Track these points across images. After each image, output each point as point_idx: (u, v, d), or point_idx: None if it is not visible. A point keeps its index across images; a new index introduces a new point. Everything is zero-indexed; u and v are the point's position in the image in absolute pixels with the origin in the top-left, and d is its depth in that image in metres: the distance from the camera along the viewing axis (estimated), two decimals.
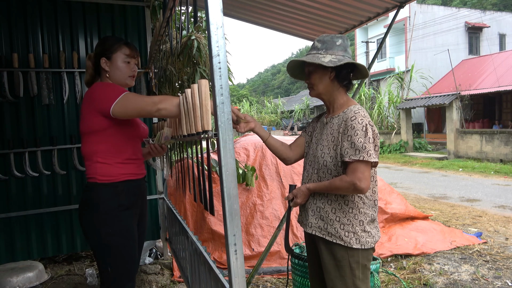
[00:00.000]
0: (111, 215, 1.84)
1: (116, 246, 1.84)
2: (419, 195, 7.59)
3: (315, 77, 1.75)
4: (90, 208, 1.84)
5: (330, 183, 1.67)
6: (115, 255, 1.84)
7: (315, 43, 1.78)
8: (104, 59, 1.90)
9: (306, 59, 1.71)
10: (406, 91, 18.47)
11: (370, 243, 1.68)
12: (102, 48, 1.92)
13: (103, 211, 1.82)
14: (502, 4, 32.57)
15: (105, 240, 1.82)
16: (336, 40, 1.74)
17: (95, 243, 1.86)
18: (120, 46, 1.91)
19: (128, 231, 1.89)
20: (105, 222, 1.82)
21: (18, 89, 3.17)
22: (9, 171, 3.19)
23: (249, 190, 4.15)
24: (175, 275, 3.53)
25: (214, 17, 1.19)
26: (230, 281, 1.26)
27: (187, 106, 1.85)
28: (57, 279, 3.54)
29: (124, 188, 1.89)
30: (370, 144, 1.60)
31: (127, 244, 1.88)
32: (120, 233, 1.85)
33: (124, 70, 1.93)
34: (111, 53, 1.90)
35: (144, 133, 2.09)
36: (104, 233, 1.82)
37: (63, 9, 3.37)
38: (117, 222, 1.85)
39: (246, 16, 3.44)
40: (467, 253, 4.09)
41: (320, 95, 1.79)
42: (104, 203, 1.83)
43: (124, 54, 1.92)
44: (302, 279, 2.59)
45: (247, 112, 35.25)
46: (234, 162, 1.24)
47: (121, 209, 1.87)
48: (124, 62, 1.92)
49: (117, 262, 1.85)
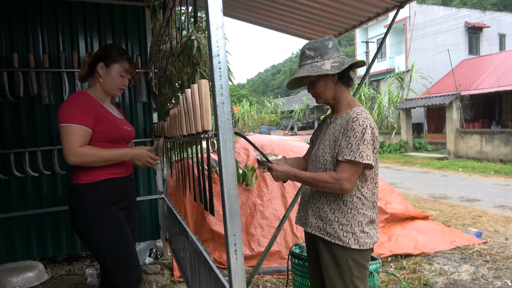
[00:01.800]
0: (98, 212, 1.88)
1: (109, 240, 1.88)
2: (419, 195, 7.60)
3: (319, 85, 1.73)
4: (78, 210, 1.89)
5: (318, 175, 1.66)
6: (112, 248, 1.89)
7: (306, 52, 1.73)
8: (102, 64, 1.97)
9: (310, 73, 1.66)
10: (406, 91, 18.47)
11: (369, 244, 1.69)
12: (105, 54, 1.99)
13: (89, 210, 1.87)
14: (502, 4, 32.58)
15: (98, 237, 1.87)
16: (327, 43, 1.71)
17: (90, 242, 1.90)
18: (123, 59, 2.00)
19: (118, 223, 1.93)
20: (93, 220, 1.87)
21: (18, 89, 3.17)
22: (9, 171, 3.19)
23: (249, 190, 4.15)
24: (175, 275, 3.53)
25: (214, 17, 1.19)
26: (230, 281, 1.26)
27: (187, 106, 1.86)
28: (57, 279, 3.54)
29: (108, 186, 1.93)
30: (365, 146, 1.60)
31: (119, 236, 1.92)
32: (111, 227, 1.90)
33: (117, 82, 2.02)
34: (111, 62, 1.98)
35: (128, 134, 2.11)
36: (95, 230, 1.87)
37: (63, 9, 3.37)
38: (105, 217, 1.89)
39: (246, 16, 3.44)
40: (467, 253, 4.09)
41: (328, 101, 1.78)
42: (89, 202, 1.87)
43: (123, 68, 2.01)
44: (302, 279, 2.59)
45: (247, 112, 35.26)
46: (234, 162, 1.24)
47: (106, 205, 1.91)
48: (120, 75, 2.01)
49: (116, 255, 1.90)
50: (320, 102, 1.79)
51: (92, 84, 2.05)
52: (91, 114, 1.88)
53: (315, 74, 1.65)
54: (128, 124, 2.15)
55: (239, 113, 35.83)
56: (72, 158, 1.78)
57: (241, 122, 35.51)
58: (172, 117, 2.45)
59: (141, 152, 1.99)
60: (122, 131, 2.05)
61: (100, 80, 1.99)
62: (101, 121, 1.92)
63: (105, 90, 2.02)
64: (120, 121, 2.08)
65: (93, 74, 2.03)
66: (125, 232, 1.96)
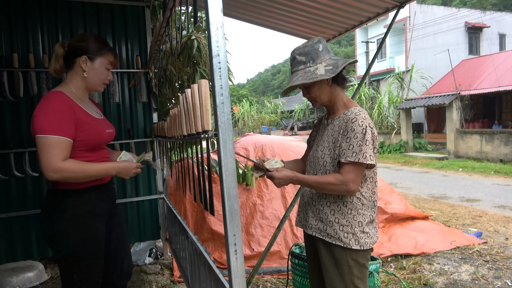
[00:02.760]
0: (79, 223, 1.76)
1: (83, 255, 1.76)
2: (419, 195, 7.60)
3: (314, 90, 1.72)
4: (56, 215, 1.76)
5: (322, 178, 1.66)
6: (84, 264, 1.78)
7: (297, 58, 1.71)
8: (85, 57, 1.79)
9: (305, 80, 1.65)
10: (406, 91, 18.48)
11: (369, 244, 1.69)
12: (85, 46, 1.80)
13: (70, 218, 1.74)
14: (502, 4, 32.58)
15: (72, 248, 1.74)
16: (317, 46, 1.69)
17: (61, 251, 1.77)
18: (107, 51, 1.85)
19: (96, 239, 1.81)
20: (73, 230, 1.74)
21: (18, 89, 3.16)
22: (9, 171, 3.19)
23: (249, 190, 4.15)
24: (175, 275, 3.53)
25: (214, 17, 1.19)
26: (230, 281, 1.26)
27: (187, 106, 1.86)
28: (57, 279, 3.54)
29: (91, 195, 1.81)
30: (367, 147, 1.60)
31: (94, 253, 1.81)
32: (88, 242, 1.77)
33: (102, 76, 1.87)
34: (95, 55, 1.82)
35: (110, 138, 1.96)
36: (71, 241, 1.74)
37: (63, 9, 3.36)
38: (85, 231, 1.77)
39: (246, 16, 3.44)
40: (467, 253, 4.09)
41: (324, 103, 1.78)
42: (71, 210, 1.75)
43: (108, 60, 1.87)
44: (302, 279, 2.59)
45: (247, 112, 35.26)
46: (234, 162, 1.24)
47: (88, 216, 1.79)
48: (105, 69, 1.86)
49: (84, 271, 1.78)
50: (317, 105, 1.79)
51: (69, 80, 1.83)
52: (72, 121, 1.69)
53: (311, 81, 1.64)
54: (109, 125, 1.99)
55: (239, 113, 35.83)
56: (52, 174, 1.59)
57: (241, 122, 35.51)
58: (172, 117, 2.45)
59: (126, 165, 1.85)
60: (104, 136, 1.89)
61: (84, 75, 1.80)
62: (82, 128, 1.74)
63: (89, 86, 1.85)
64: (101, 123, 1.92)
65: (70, 68, 1.82)
66: (100, 247, 1.84)
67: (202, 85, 1.61)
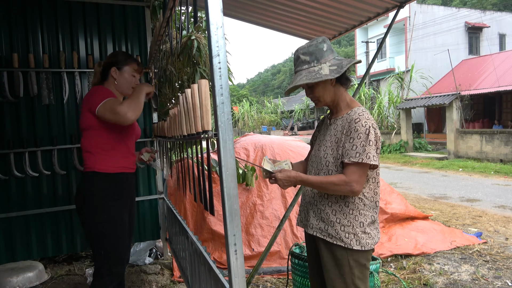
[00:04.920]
0: (106, 204, 2.06)
1: (109, 233, 2.05)
2: (419, 195, 7.60)
3: (318, 89, 1.71)
4: (87, 197, 2.06)
5: (326, 178, 1.65)
6: (108, 241, 2.06)
7: (301, 57, 1.69)
8: (114, 68, 2.19)
9: (310, 80, 1.63)
10: (406, 91, 18.48)
11: (370, 244, 1.68)
12: (114, 60, 2.22)
13: (98, 199, 2.05)
14: (502, 4, 32.58)
15: (99, 226, 2.04)
16: (321, 46, 1.68)
17: (90, 229, 2.07)
18: (131, 61, 2.24)
19: (120, 219, 2.11)
20: (101, 210, 2.04)
21: (18, 89, 3.17)
22: (9, 171, 3.19)
23: (249, 190, 4.15)
24: (175, 275, 3.53)
25: (214, 17, 1.19)
26: (230, 281, 1.26)
27: (187, 106, 1.86)
28: (57, 279, 3.54)
29: (117, 179, 2.12)
30: (370, 147, 1.60)
31: (119, 231, 2.09)
32: (113, 221, 2.07)
33: (130, 81, 2.24)
34: (122, 65, 2.21)
35: (138, 132, 2.39)
36: (98, 220, 2.04)
37: (63, 9, 3.37)
38: (111, 211, 2.07)
39: (246, 16, 3.45)
40: (467, 253, 4.09)
41: (327, 104, 1.77)
42: (100, 191, 2.05)
43: (133, 68, 2.24)
44: (302, 279, 2.59)
45: (247, 112, 35.27)
46: (234, 162, 1.24)
47: (114, 198, 2.09)
48: (131, 75, 2.24)
49: (110, 248, 2.07)
50: (320, 105, 1.78)
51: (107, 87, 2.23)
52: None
53: (316, 81, 1.63)
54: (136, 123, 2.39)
55: (239, 113, 35.83)
56: (129, 115, 1.94)
57: (241, 122, 35.51)
58: (172, 117, 2.45)
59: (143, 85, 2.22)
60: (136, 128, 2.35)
61: (115, 83, 2.20)
62: None
63: (120, 90, 2.22)
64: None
65: (105, 79, 2.23)
66: (124, 229, 2.13)
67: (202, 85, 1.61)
